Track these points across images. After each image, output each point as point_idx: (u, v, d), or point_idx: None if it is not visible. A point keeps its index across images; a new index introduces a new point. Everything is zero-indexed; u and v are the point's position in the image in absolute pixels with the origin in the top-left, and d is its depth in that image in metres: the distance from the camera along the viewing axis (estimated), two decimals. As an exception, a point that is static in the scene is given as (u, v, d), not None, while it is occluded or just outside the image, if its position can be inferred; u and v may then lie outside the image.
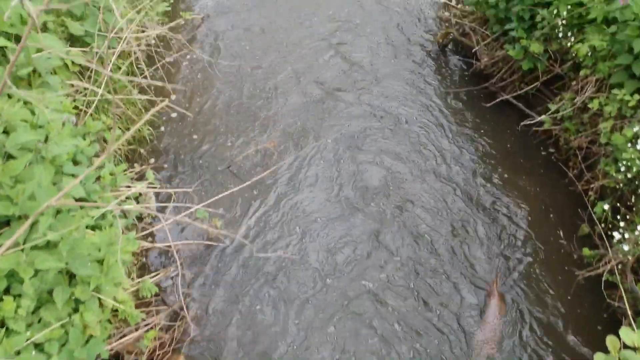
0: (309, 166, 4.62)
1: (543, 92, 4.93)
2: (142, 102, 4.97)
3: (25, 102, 3.39)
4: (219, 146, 4.84)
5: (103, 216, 3.49)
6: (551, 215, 4.39)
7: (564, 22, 4.43)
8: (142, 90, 5.16)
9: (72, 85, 4.33)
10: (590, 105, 4.10)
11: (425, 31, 5.99)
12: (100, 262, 3.00)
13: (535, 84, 4.84)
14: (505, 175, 4.67)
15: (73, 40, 4.50)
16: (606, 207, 3.94)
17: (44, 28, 4.22)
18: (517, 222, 4.32)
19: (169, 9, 6.01)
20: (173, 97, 5.26)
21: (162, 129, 5.00)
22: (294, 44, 5.85)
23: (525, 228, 4.27)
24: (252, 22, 6.13)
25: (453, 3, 6.24)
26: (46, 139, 3.21)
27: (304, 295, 3.74)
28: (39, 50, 3.73)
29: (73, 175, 3.47)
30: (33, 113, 3.34)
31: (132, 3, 5.61)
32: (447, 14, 6.12)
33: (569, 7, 4.41)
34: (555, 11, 4.47)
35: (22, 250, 2.69)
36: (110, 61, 4.43)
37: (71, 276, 2.97)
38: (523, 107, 5.01)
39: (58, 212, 2.95)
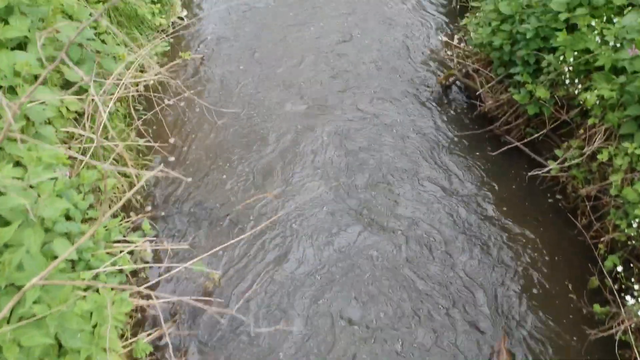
0: (310, 217, 4.50)
1: (550, 136, 4.83)
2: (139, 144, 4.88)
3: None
4: (218, 192, 4.72)
5: (96, 275, 3.36)
6: (559, 266, 4.26)
7: (570, 68, 4.33)
8: (139, 133, 5.06)
9: (67, 132, 4.24)
10: (599, 157, 3.98)
11: (427, 71, 5.89)
12: (93, 326, 2.87)
13: (542, 131, 4.73)
14: (511, 222, 4.54)
15: (69, 86, 4.41)
16: (617, 261, 3.82)
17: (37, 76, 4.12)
18: (524, 273, 4.18)
19: (168, 48, 5.95)
20: (172, 140, 5.15)
21: (160, 173, 4.87)
22: (293, 88, 5.75)
23: (533, 279, 4.13)
24: (252, 59, 6.04)
25: (455, 42, 6.17)
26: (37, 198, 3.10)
27: None
28: (32, 100, 3.64)
29: (66, 234, 3.35)
30: (25, 169, 3.23)
31: (130, 43, 5.55)
32: (449, 52, 6.04)
33: (576, 53, 4.31)
34: (561, 57, 4.38)
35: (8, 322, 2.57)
36: (107, 107, 4.33)
37: (60, 344, 2.84)
38: (529, 152, 4.90)
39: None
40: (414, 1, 6.88)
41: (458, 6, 6.70)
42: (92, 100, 4.26)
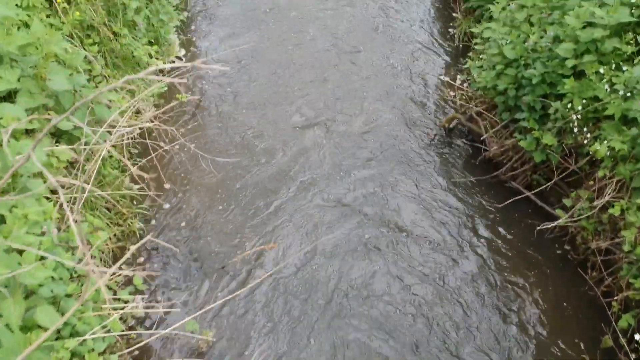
0: (313, 271, 4.33)
1: (558, 183, 4.66)
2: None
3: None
4: (214, 241, 4.55)
5: (83, 340, 3.18)
6: (569, 323, 4.07)
7: (578, 116, 4.19)
8: (133, 179, 4.90)
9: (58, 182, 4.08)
10: (611, 211, 3.82)
11: (429, 113, 5.76)
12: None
13: (549, 182, 4.56)
14: (517, 274, 4.37)
15: (60, 134, 4.27)
16: (632, 321, 3.64)
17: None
18: (532, 330, 4.00)
19: (165, 89, 5.84)
20: (167, 185, 5.00)
21: (154, 222, 4.71)
22: (292, 132, 5.62)
23: (541, 337, 3.94)
24: (251, 100, 5.91)
25: (458, 83, 6.05)
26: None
27: None
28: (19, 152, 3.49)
29: (52, 297, 3.18)
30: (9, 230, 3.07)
31: (125, 86, 5.42)
32: (452, 93, 5.92)
33: (584, 101, 4.17)
34: (569, 104, 4.24)
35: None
36: (99, 156, 4.18)
37: None
38: (536, 199, 4.73)
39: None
40: (416, 41, 6.76)
41: (460, 45, 6.60)
42: (84, 148, 4.11)
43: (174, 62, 6.34)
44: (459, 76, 6.16)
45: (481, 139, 5.11)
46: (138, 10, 5.79)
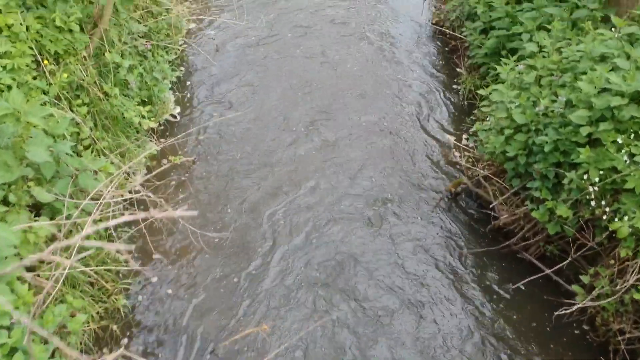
0: (307, 349, 3.99)
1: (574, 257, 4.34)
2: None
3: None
4: (204, 320, 4.22)
5: None
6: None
7: (595, 188, 3.90)
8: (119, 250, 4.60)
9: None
10: (636, 296, 3.50)
11: (434, 174, 5.48)
12: None
13: (564, 262, 4.24)
14: (530, 357, 4.02)
15: (40, 207, 3.99)
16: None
17: (4, 199, 3.71)
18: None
19: (158, 149, 5.60)
20: (156, 256, 4.69)
21: (140, 298, 4.39)
22: (289, 196, 5.34)
23: None
24: (246, 163, 5.65)
25: (464, 142, 5.80)
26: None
27: None
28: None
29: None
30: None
31: (116, 148, 5.19)
32: (457, 154, 5.66)
33: (601, 172, 3.89)
34: (585, 175, 3.96)
35: None
36: (83, 234, 3.89)
37: None
38: (551, 273, 4.41)
39: None
40: (418, 97, 6.53)
41: (465, 103, 6.37)
42: (66, 223, 3.83)
43: (170, 117, 6.12)
44: (464, 136, 5.91)
45: (490, 206, 4.82)
46: (131, 69, 5.59)
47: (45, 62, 4.66)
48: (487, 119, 5.06)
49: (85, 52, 5.14)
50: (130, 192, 4.71)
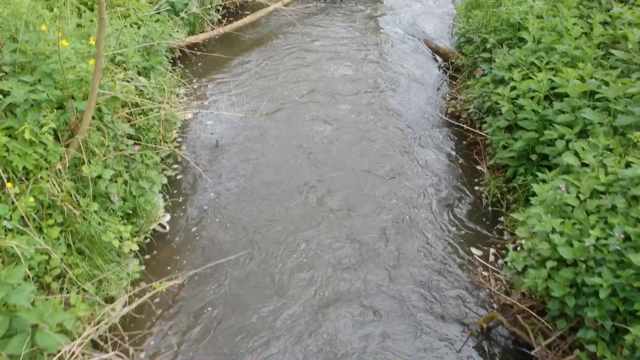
0: None
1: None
2: None
3: None
4: None
5: None
6: None
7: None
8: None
9: None
10: None
11: (458, 304, 4.72)
12: None
13: None
14: None
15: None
16: None
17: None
18: None
19: (143, 268, 4.90)
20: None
21: None
22: (291, 300, 4.61)
23: None
24: (250, 297, 4.92)
25: (491, 259, 5.09)
26: None
27: None
28: None
29: None
30: None
31: (92, 276, 4.48)
32: (485, 273, 4.94)
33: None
34: (655, 334, 3.23)
35: None
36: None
37: None
38: None
39: None
40: (438, 203, 5.85)
41: (490, 210, 5.68)
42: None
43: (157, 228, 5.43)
44: (492, 251, 5.20)
45: (532, 353, 4.06)
46: (114, 178, 4.94)
47: (9, 185, 4.00)
48: (523, 244, 4.35)
49: (60, 164, 4.51)
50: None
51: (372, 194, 5.96)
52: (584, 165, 4.44)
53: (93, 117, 5.04)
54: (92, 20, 6.29)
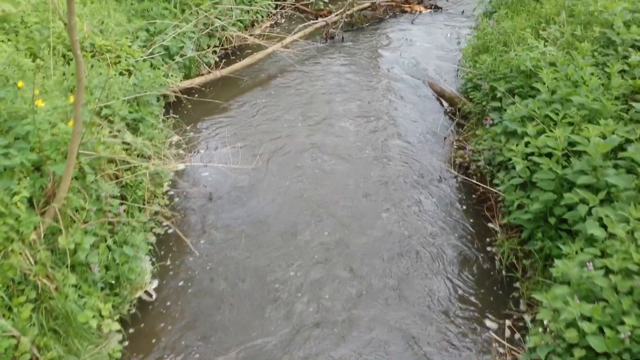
0: None
1: None
2: None
3: None
4: None
5: None
6: None
7: None
8: None
9: None
10: None
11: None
12: None
13: None
14: None
15: None
16: None
17: None
18: None
19: (126, 344, 4.47)
20: None
21: None
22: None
23: None
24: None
25: (508, 335, 4.65)
26: None
27: None
28: None
29: None
30: None
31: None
32: (502, 350, 4.48)
33: None
34: None
35: None
36: None
37: None
38: None
39: None
40: (446, 265, 5.41)
41: (504, 275, 5.24)
42: None
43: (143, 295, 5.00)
44: (507, 323, 4.75)
45: None
46: (96, 244, 4.54)
47: (-27, 264, 3.60)
48: (545, 323, 3.91)
49: (35, 233, 4.11)
50: None
51: (374, 261, 5.52)
52: (611, 235, 4.03)
53: (75, 178, 4.67)
54: (79, 69, 5.96)
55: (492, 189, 5.77)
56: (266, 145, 7.30)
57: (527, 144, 5.22)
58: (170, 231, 5.78)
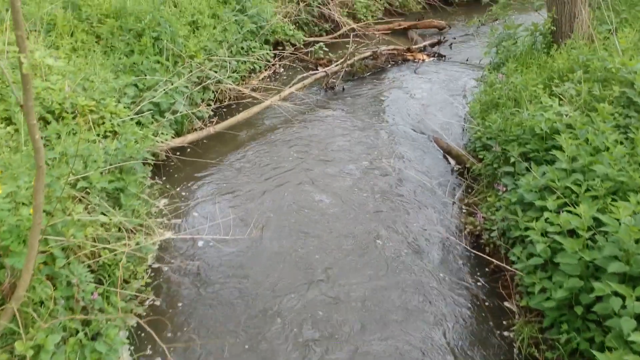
0: None
1: None
2: None
3: None
4: None
5: None
6: None
7: None
8: None
9: None
10: None
11: None
12: None
13: None
14: None
15: None
16: None
17: None
18: None
19: None
20: None
21: None
22: None
23: None
24: None
25: None
26: None
27: None
28: None
29: None
30: None
31: None
32: None
33: None
34: None
35: None
36: None
37: None
38: None
39: None
40: (458, 350, 4.85)
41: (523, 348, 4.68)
42: None
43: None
44: None
45: None
46: (64, 341, 4.00)
47: None
48: None
49: (-11, 336, 3.58)
50: None
51: (379, 343, 4.96)
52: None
53: (44, 263, 4.17)
54: (58, 134, 5.52)
55: (507, 267, 5.23)
56: (261, 208, 6.80)
57: (546, 220, 4.71)
58: (156, 303, 5.25)
